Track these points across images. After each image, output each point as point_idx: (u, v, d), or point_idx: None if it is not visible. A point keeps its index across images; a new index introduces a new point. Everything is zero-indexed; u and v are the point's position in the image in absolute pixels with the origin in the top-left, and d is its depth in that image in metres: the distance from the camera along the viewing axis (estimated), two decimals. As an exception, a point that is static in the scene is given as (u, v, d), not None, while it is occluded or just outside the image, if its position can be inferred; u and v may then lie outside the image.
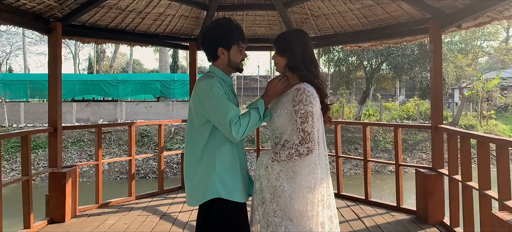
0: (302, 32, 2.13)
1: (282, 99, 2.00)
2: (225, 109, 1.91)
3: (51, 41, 4.11)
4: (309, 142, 1.86)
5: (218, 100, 1.93)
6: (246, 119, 1.93)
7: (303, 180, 1.91)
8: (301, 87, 1.92)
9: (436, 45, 4.00)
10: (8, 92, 20.08)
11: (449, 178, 3.69)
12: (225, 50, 2.06)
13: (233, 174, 2.03)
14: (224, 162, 2.01)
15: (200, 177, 2.01)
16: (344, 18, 4.86)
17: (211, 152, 2.00)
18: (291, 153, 1.87)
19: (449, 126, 4.14)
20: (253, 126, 1.95)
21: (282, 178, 1.93)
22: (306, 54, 2.00)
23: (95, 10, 4.35)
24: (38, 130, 4.28)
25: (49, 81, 4.13)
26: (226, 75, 2.12)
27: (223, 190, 1.98)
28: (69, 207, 4.10)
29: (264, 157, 2.00)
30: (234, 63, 2.09)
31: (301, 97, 1.88)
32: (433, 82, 4.03)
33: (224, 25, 2.07)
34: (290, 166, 1.92)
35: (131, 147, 4.93)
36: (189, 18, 5.17)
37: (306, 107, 1.87)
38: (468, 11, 3.56)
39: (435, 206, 3.91)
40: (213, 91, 1.94)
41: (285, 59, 2.01)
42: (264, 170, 1.98)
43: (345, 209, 4.44)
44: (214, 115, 1.94)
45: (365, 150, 4.70)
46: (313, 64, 2.01)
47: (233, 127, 1.88)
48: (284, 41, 2.05)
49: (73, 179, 4.18)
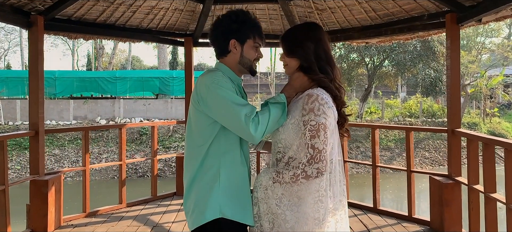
0: (316, 25, 1.74)
1: (291, 107, 1.65)
2: (237, 104, 1.57)
3: (32, 36, 3.75)
4: (320, 162, 1.49)
5: (226, 95, 1.58)
6: (266, 115, 1.56)
7: (310, 208, 1.54)
8: (313, 93, 1.56)
9: (453, 41, 3.65)
10: (4, 89, 19.74)
11: (468, 188, 3.34)
12: (238, 44, 1.72)
13: (242, 188, 1.67)
14: (231, 172, 1.66)
15: (200, 191, 1.65)
16: (351, 12, 4.50)
17: (215, 161, 1.65)
18: (297, 174, 1.51)
19: (468, 131, 3.79)
20: (274, 124, 1.59)
21: (284, 204, 1.57)
22: (321, 52, 1.65)
23: (80, 3, 3.99)
24: (17, 134, 3.95)
25: (30, 79, 3.78)
26: (236, 75, 1.77)
27: (228, 208, 1.62)
28: (52, 217, 3.76)
29: (263, 176, 1.64)
30: (247, 60, 1.75)
31: (313, 106, 1.52)
32: (450, 82, 3.68)
33: (240, 16, 1.73)
34: (294, 190, 1.56)
35: (122, 151, 4.58)
36: (184, 12, 4.81)
37: (318, 118, 1.51)
38: (491, 3, 3.20)
39: (452, 218, 3.57)
40: (219, 84, 1.61)
41: (296, 60, 1.67)
42: (263, 192, 1.62)
43: (352, 219, 4.10)
44: (222, 113, 1.60)
45: (373, 154, 4.35)
46: (329, 65, 1.65)
47: (251, 124, 1.53)
48: (294, 38, 1.69)
49: (56, 187, 3.83)
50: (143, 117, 18.68)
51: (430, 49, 19.99)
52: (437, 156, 17.85)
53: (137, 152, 15.96)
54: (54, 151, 15.87)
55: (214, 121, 1.65)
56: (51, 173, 3.93)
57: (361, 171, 16.60)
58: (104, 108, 19.22)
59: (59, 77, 19.97)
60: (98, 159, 15.63)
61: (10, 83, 20.19)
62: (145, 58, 69.02)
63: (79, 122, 18.42)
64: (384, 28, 4.42)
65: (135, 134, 16.54)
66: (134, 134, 16.51)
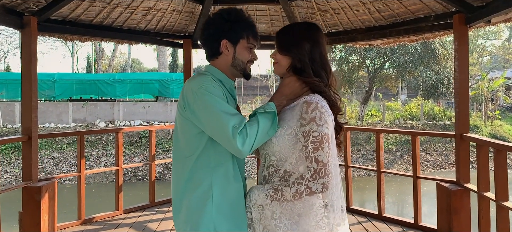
0: (316, 26, 1.59)
1: (285, 114, 1.49)
2: (224, 114, 1.42)
3: (25, 37, 3.62)
4: (325, 176, 1.36)
5: (214, 102, 1.44)
6: (255, 127, 1.41)
7: (312, 227, 1.41)
8: (312, 100, 1.42)
9: (462, 42, 3.52)
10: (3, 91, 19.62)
11: (478, 196, 3.21)
12: (230, 44, 1.59)
13: (237, 206, 1.52)
14: (225, 189, 1.51)
15: (191, 208, 1.50)
16: (354, 13, 4.37)
17: (206, 175, 1.50)
18: (301, 191, 1.36)
19: (477, 136, 3.65)
20: (264, 136, 1.44)
21: (284, 224, 1.42)
22: (317, 54, 1.51)
23: (75, 3, 3.86)
24: (9, 139, 3.80)
25: (23, 82, 3.64)
26: (228, 77, 1.63)
27: (220, 225, 1.47)
28: (45, 225, 3.62)
29: (258, 194, 1.47)
30: (240, 62, 1.61)
31: (314, 115, 1.39)
32: (458, 85, 3.55)
33: (233, 14, 1.59)
34: (296, 207, 1.42)
35: (119, 156, 4.44)
36: (183, 13, 4.69)
37: (321, 128, 1.38)
38: (501, 3, 3.07)
39: (461, 226, 3.43)
40: (207, 90, 1.46)
41: (288, 59, 1.53)
42: (259, 212, 1.46)
43: (356, 227, 3.97)
44: (208, 123, 1.45)
45: (378, 159, 4.22)
46: (324, 69, 1.51)
47: (238, 136, 1.38)
48: (291, 35, 1.55)
49: (50, 194, 3.70)
50: (142, 119, 18.55)
51: (431, 51, 19.89)
52: (438, 159, 17.71)
53: (136, 155, 15.82)
54: (53, 154, 15.73)
55: (202, 131, 1.50)
56: (45, 179, 3.79)
57: (363, 174, 16.45)
58: (104, 110, 19.10)
59: (59, 79, 19.86)
60: (97, 162, 15.49)
61: (9, 86, 20.07)
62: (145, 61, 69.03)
63: (78, 124, 18.29)
64: (388, 29, 4.29)
65: (134, 137, 16.41)
66: (133, 137, 16.38)
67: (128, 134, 16.04)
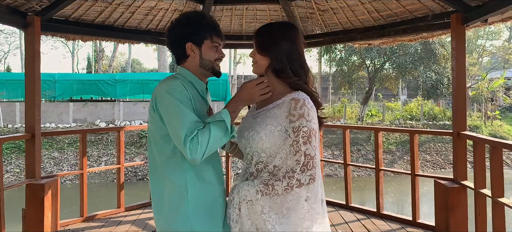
0: (293, 26, 1.64)
1: (271, 112, 1.52)
2: (181, 120, 1.46)
3: (28, 37, 3.68)
4: (313, 169, 1.43)
5: (176, 107, 1.48)
6: (206, 135, 1.44)
7: (300, 219, 1.46)
8: (299, 97, 1.47)
9: (459, 42, 3.57)
10: (3, 91, 19.66)
11: (475, 192, 3.26)
12: (195, 47, 1.63)
13: (210, 201, 1.57)
14: (199, 187, 1.55)
15: (168, 208, 1.54)
16: (353, 12, 4.43)
17: (179, 177, 1.54)
18: (291, 184, 1.42)
19: (474, 133, 3.71)
20: (216, 143, 1.48)
21: (272, 218, 1.45)
22: (294, 54, 1.55)
23: (78, 3, 3.91)
24: (13, 137, 3.87)
25: (26, 82, 3.70)
26: (199, 79, 1.67)
27: (197, 223, 1.52)
28: (48, 222, 3.67)
29: (247, 189, 1.48)
30: (207, 62, 1.65)
31: (302, 111, 1.44)
32: (456, 84, 3.60)
33: (192, 17, 1.63)
34: (285, 200, 1.46)
35: (120, 154, 4.50)
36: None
37: (309, 124, 1.43)
38: (497, 3, 3.12)
39: (458, 223, 3.48)
40: (172, 95, 1.50)
41: (267, 59, 1.56)
42: (247, 208, 1.47)
43: (355, 224, 4.02)
44: (168, 128, 1.50)
45: (377, 157, 4.26)
46: (302, 67, 1.55)
47: (189, 144, 1.42)
48: (269, 35, 1.57)
49: (53, 191, 3.75)
50: (143, 119, 18.59)
51: (431, 51, 19.95)
52: (438, 159, 17.76)
53: (137, 155, 15.87)
54: (53, 154, 15.78)
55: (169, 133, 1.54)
56: (48, 176, 3.85)
57: (362, 174, 16.50)
58: (104, 111, 19.16)
59: (59, 79, 19.89)
60: (97, 162, 15.54)
61: (9, 86, 20.09)
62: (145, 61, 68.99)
63: (79, 124, 18.35)
64: (387, 29, 4.34)
65: (134, 137, 16.45)
66: (134, 136, 16.42)
67: (128, 134, 16.09)
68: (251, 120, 1.59)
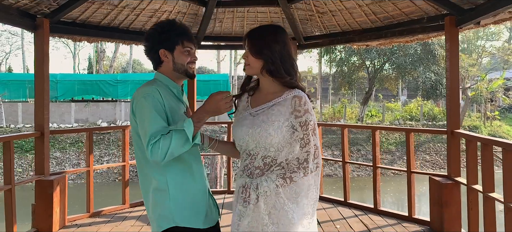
0: (282, 28, 1.76)
1: (274, 110, 1.63)
2: (149, 124, 1.60)
3: (38, 39, 3.82)
4: (318, 157, 1.63)
5: (148, 113, 1.62)
6: (167, 142, 1.57)
7: (306, 201, 1.62)
8: (301, 94, 1.63)
9: (452, 43, 3.70)
10: (6, 92, 19.80)
11: (468, 188, 3.39)
12: (168, 52, 1.77)
13: (191, 197, 1.72)
14: (178, 182, 1.70)
15: (153, 203, 1.71)
16: (351, 14, 4.56)
17: (160, 172, 1.69)
18: (307, 173, 1.60)
19: (467, 132, 3.84)
20: (177, 149, 1.59)
21: (290, 208, 1.59)
22: (286, 55, 1.66)
23: (85, 6, 4.05)
24: (23, 135, 4.02)
25: (36, 82, 3.84)
26: (175, 82, 1.81)
27: (179, 216, 1.67)
28: (57, 217, 3.81)
29: (265, 185, 1.58)
30: (180, 66, 1.78)
31: (307, 107, 1.61)
32: (449, 84, 3.74)
33: (165, 26, 1.78)
34: (300, 188, 1.61)
35: (125, 152, 4.63)
36: (187, 15, 4.88)
37: (313, 117, 1.62)
38: (489, 6, 3.26)
39: (452, 218, 3.62)
40: (146, 100, 1.65)
41: (261, 62, 1.65)
42: (266, 202, 1.58)
43: (353, 219, 4.15)
44: (140, 129, 1.66)
45: (374, 155, 4.40)
46: (293, 67, 1.68)
47: (150, 148, 1.57)
48: (262, 38, 1.67)
49: (61, 187, 3.89)
50: (144, 120, 18.71)
51: (431, 52, 20.06)
52: (437, 160, 17.89)
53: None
54: (56, 154, 15.93)
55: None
56: (56, 173, 3.99)
57: (362, 174, 16.64)
58: (105, 111, 19.30)
59: (61, 80, 20.02)
60: (99, 162, 15.68)
61: (11, 86, 20.23)
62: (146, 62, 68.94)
63: (81, 124, 18.50)
64: (384, 30, 4.48)
65: (136, 137, 16.56)
66: (135, 137, 16.53)
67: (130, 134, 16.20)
68: (251, 118, 1.67)
